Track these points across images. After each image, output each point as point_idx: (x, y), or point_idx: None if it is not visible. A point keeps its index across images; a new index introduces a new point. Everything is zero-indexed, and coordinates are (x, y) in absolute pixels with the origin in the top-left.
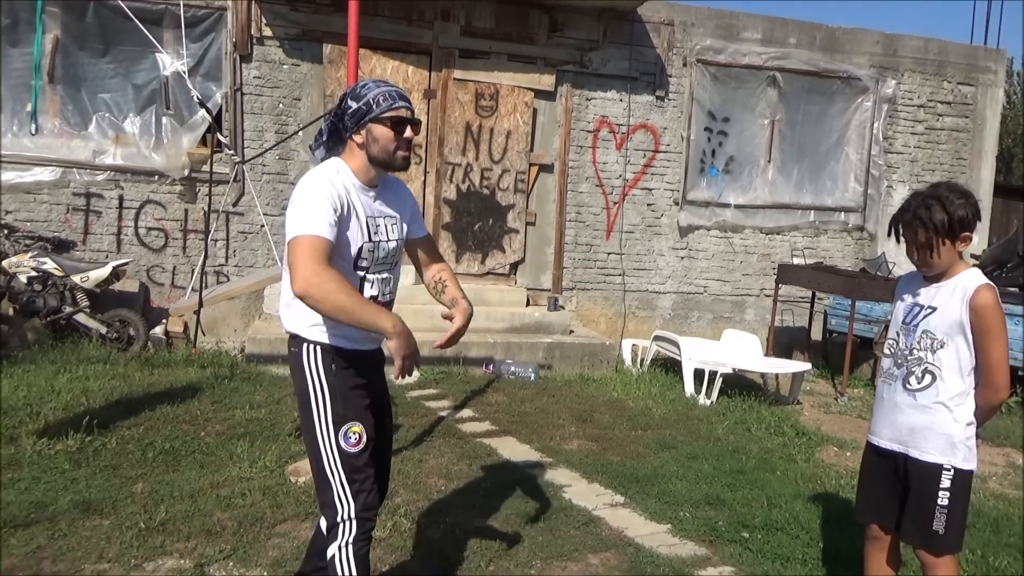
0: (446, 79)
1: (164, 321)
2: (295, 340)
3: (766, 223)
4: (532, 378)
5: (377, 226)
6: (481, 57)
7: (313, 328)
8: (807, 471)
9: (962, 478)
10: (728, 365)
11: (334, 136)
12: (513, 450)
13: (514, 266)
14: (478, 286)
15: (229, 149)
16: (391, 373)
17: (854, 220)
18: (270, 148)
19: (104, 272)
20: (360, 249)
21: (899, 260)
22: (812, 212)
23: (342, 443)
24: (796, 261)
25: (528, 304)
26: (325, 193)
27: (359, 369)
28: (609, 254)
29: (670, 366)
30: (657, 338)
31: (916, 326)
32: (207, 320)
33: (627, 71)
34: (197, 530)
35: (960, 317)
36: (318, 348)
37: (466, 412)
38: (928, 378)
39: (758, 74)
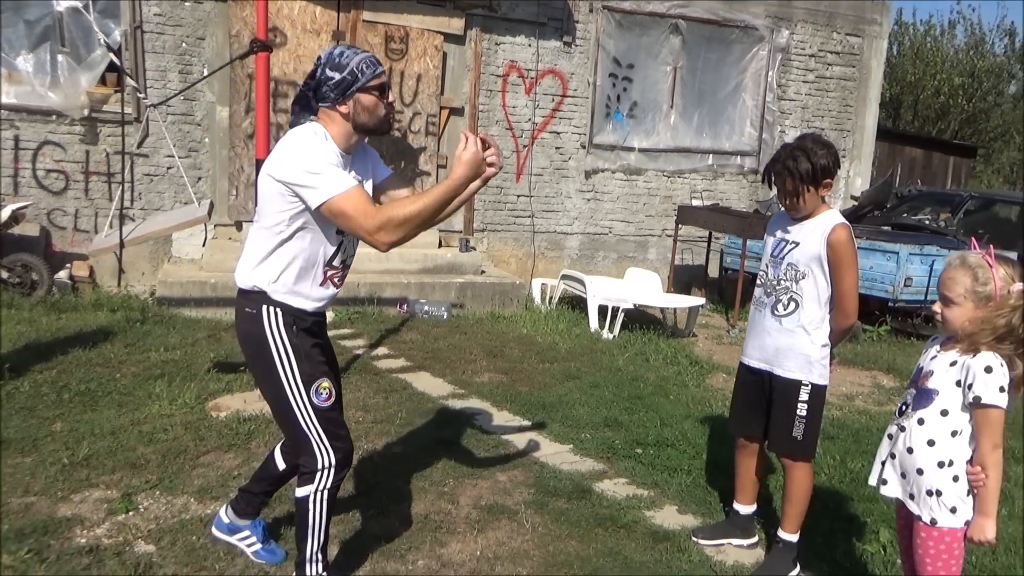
0: (355, 20)
1: (68, 265)
2: (252, 301)
3: (668, 166)
4: (445, 317)
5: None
6: None
7: (276, 291)
8: (697, 395)
9: (818, 392)
10: (630, 301)
11: (304, 103)
12: (427, 384)
13: None
14: None
15: (139, 91)
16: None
17: (749, 164)
18: (186, 89)
19: (2, 215)
20: None
21: None
22: (711, 156)
23: (315, 400)
24: (695, 203)
25: (440, 246)
26: (329, 153)
27: (313, 329)
28: (519, 196)
29: (576, 303)
30: (564, 277)
31: (783, 259)
32: (114, 264)
33: (535, 16)
34: (121, 464)
35: (819, 251)
36: (278, 310)
37: (381, 350)
38: (792, 305)
39: (661, 22)
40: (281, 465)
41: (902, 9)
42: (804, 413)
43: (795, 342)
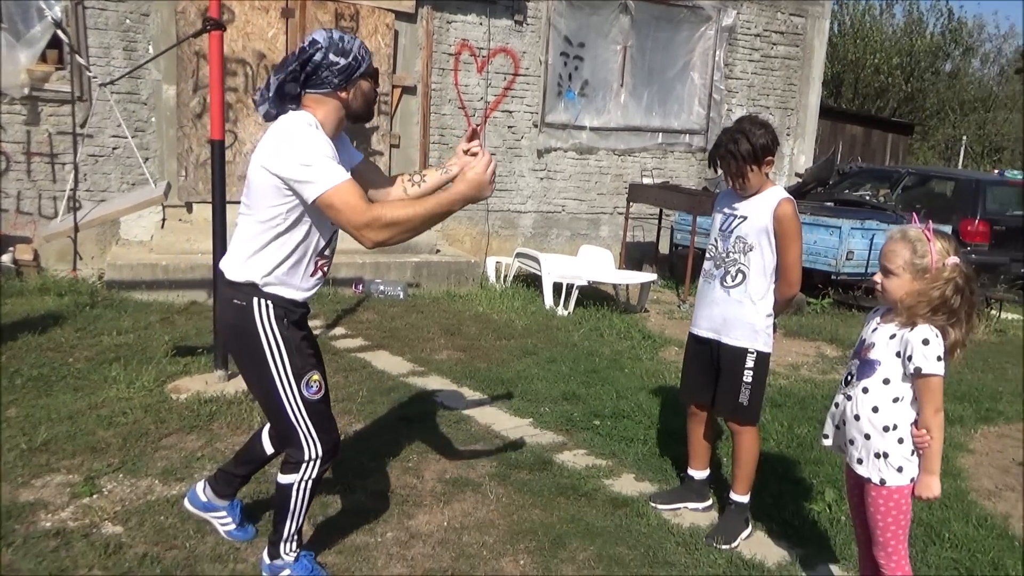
0: None
1: (11, 249)
2: (243, 293)
3: (619, 145)
4: (401, 296)
5: None
6: None
7: (268, 283)
8: (651, 368)
9: (763, 359)
10: (584, 278)
11: (290, 90)
12: (386, 362)
13: None
14: None
15: (87, 69)
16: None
17: (698, 142)
18: (139, 67)
19: None
20: None
21: None
22: (660, 134)
23: (305, 393)
24: (646, 181)
25: None
26: (324, 144)
27: (301, 321)
28: None
29: (531, 281)
30: (519, 255)
31: (731, 232)
32: (61, 248)
33: None
34: (81, 448)
35: (766, 224)
36: (269, 303)
37: (339, 330)
38: (740, 276)
39: (611, 2)
40: (269, 449)
41: None
42: (750, 380)
43: (742, 312)
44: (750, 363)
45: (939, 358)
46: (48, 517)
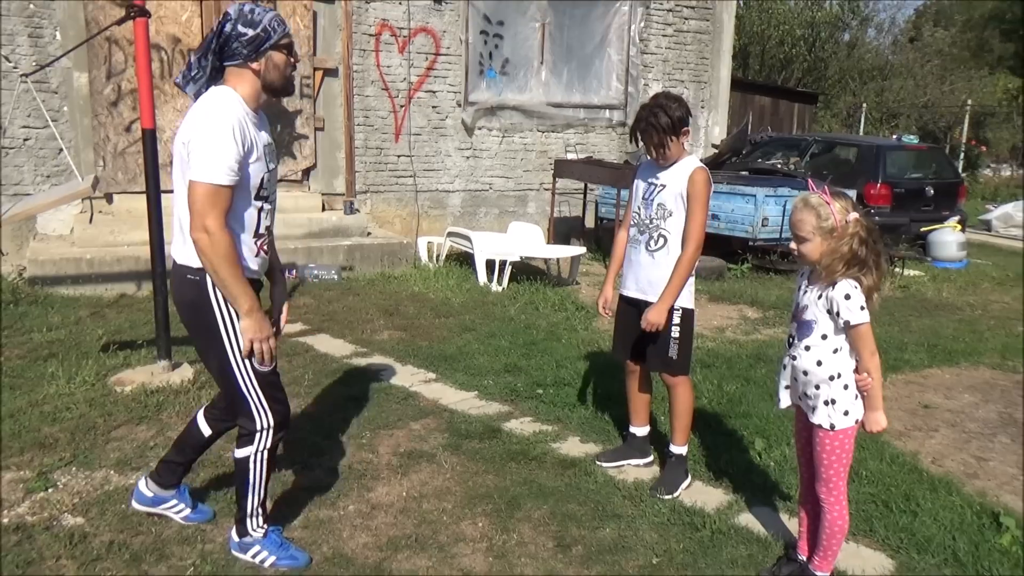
0: None
1: None
2: (195, 269)
3: (542, 122)
4: (336, 279)
5: (269, 153)
6: None
7: None
8: (587, 338)
9: (687, 315)
10: (515, 254)
11: (210, 65)
12: (328, 345)
13: (306, 172)
14: None
15: (7, 60)
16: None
17: (617, 117)
18: (61, 56)
19: None
20: (262, 179)
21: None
22: (582, 110)
23: (256, 365)
24: (570, 156)
25: (324, 209)
26: (231, 130)
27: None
28: (399, 156)
29: (463, 259)
30: (451, 234)
31: (653, 200)
32: None
33: None
34: (29, 444)
35: (682, 190)
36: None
37: None
38: (661, 241)
39: None
40: (207, 431)
41: None
42: (677, 334)
43: (665, 273)
44: (676, 319)
45: (862, 307)
46: (5, 514)
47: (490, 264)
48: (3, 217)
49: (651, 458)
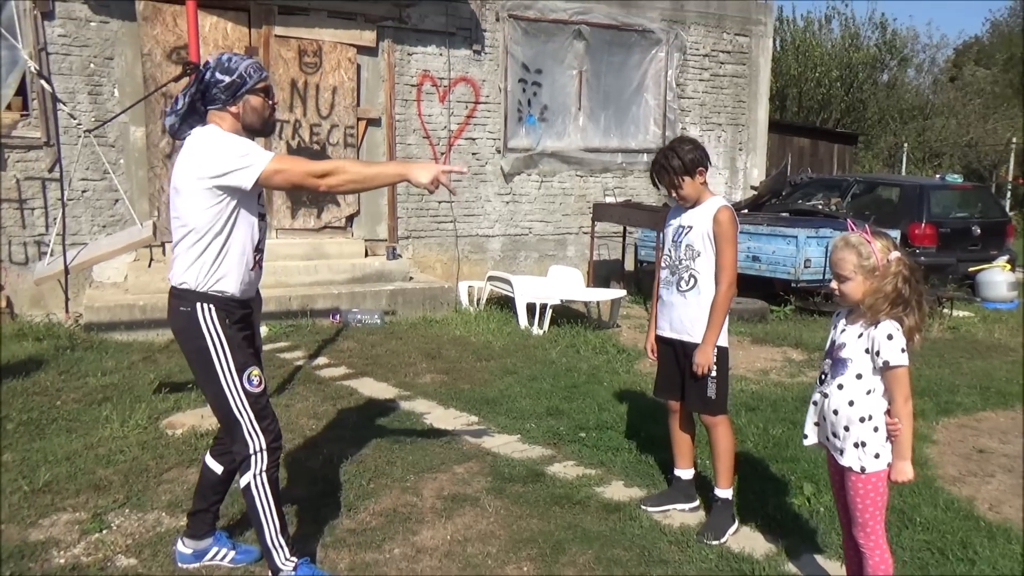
0: (267, 36)
1: None
2: (186, 300)
3: (580, 166)
4: (379, 323)
5: None
6: (301, 14)
7: (206, 285)
8: (628, 380)
9: (723, 354)
10: (555, 297)
11: (191, 107)
12: (372, 388)
13: (350, 218)
14: (316, 240)
15: (72, 116)
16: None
17: None
18: (121, 112)
19: None
20: (260, 194)
21: None
22: (619, 155)
23: (247, 386)
24: (608, 200)
25: (367, 255)
26: (239, 137)
27: (244, 321)
28: (440, 202)
29: (504, 303)
30: (491, 278)
31: (681, 242)
32: (34, 293)
33: (444, 26)
34: (84, 486)
35: (707, 230)
36: (211, 306)
37: (321, 360)
38: (692, 281)
39: (565, 28)
40: (218, 469)
41: (782, 7)
42: (714, 374)
43: (699, 312)
44: (713, 358)
45: (903, 349)
46: (61, 554)
47: (530, 307)
48: (70, 264)
49: (696, 503)
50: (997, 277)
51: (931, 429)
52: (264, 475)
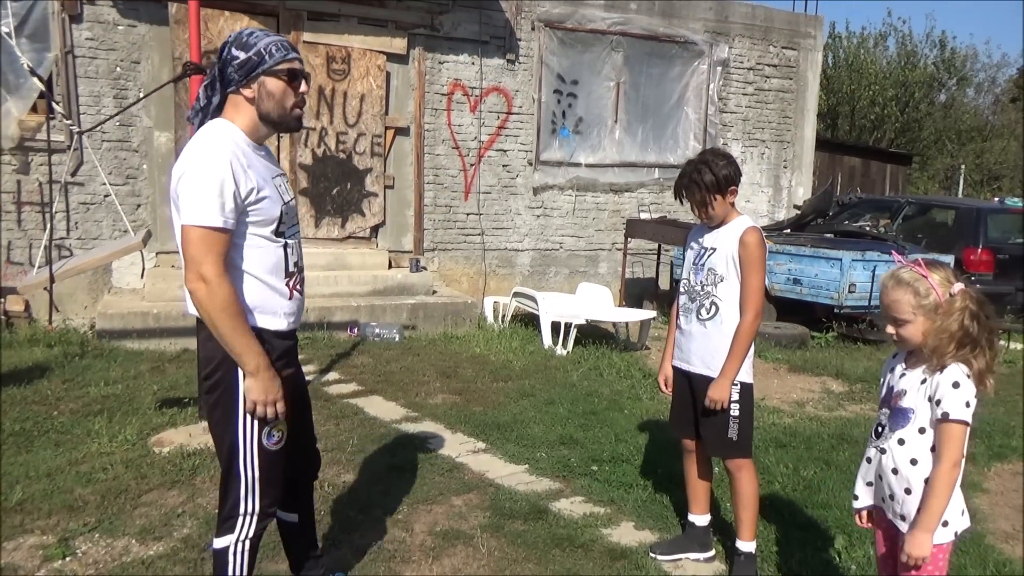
0: (295, 41)
1: (2, 300)
2: None
3: (615, 181)
4: (397, 339)
5: (283, 187)
6: (331, 19)
7: (250, 315)
8: (651, 408)
9: (747, 390)
10: (582, 317)
11: (212, 96)
12: (379, 408)
13: (375, 229)
14: (339, 250)
15: (66, 118)
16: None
17: None
18: (112, 116)
19: None
20: (281, 214)
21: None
22: (656, 170)
23: (264, 441)
24: (643, 216)
25: (390, 266)
26: (225, 165)
27: (284, 357)
28: (468, 215)
29: (529, 320)
30: (516, 294)
31: (703, 265)
32: (54, 296)
33: (478, 35)
34: (58, 507)
35: (733, 253)
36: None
37: (332, 375)
38: (714, 309)
39: (602, 39)
40: (291, 517)
41: (835, 22)
42: (737, 413)
43: (720, 344)
44: (735, 395)
45: (967, 403)
46: None
47: (556, 326)
48: (55, 273)
49: (712, 552)
50: None
51: (982, 476)
52: (247, 543)
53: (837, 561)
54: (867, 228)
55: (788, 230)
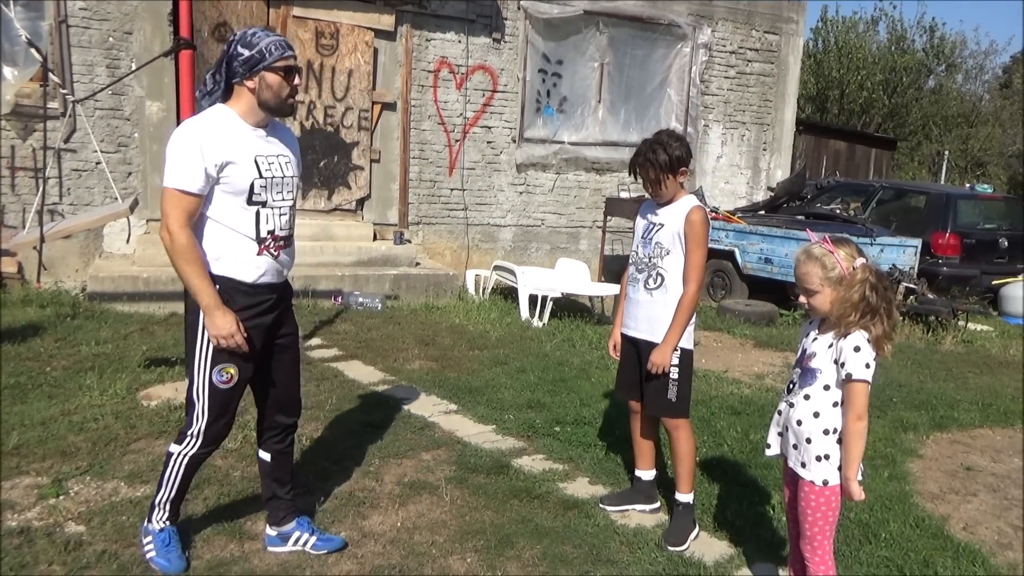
0: (285, 16)
1: None
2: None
3: (597, 160)
4: (379, 308)
5: (270, 163)
6: None
7: (214, 263)
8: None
9: (687, 356)
10: (558, 290)
11: (224, 81)
12: (358, 371)
13: (360, 202)
14: (325, 222)
15: (62, 88)
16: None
17: None
18: (108, 86)
19: None
20: (252, 185)
21: (714, 193)
22: None
23: (214, 377)
24: (623, 195)
25: (375, 239)
26: (194, 143)
27: (252, 308)
28: (452, 190)
29: (509, 294)
30: (497, 268)
31: (651, 239)
32: (46, 259)
33: (465, 13)
34: (52, 452)
35: (679, 229)
36: (216, 285)
37: (315, 340)
38: (659, 279)
39: (588, 19)
40: (266, 456)
41: (826, 7)
42: (676, 376)
43: (664, 313)
44: (675, 360)
45: (867, 364)
46: (14, 517)
47: (533, 299)
48: (47, 233)
49: (657, 504)
50: (1020, 292)
51: (920, 443)
52: (187, 457)
53: (771, 514)
54: (837, 211)
55: (762, 212)
